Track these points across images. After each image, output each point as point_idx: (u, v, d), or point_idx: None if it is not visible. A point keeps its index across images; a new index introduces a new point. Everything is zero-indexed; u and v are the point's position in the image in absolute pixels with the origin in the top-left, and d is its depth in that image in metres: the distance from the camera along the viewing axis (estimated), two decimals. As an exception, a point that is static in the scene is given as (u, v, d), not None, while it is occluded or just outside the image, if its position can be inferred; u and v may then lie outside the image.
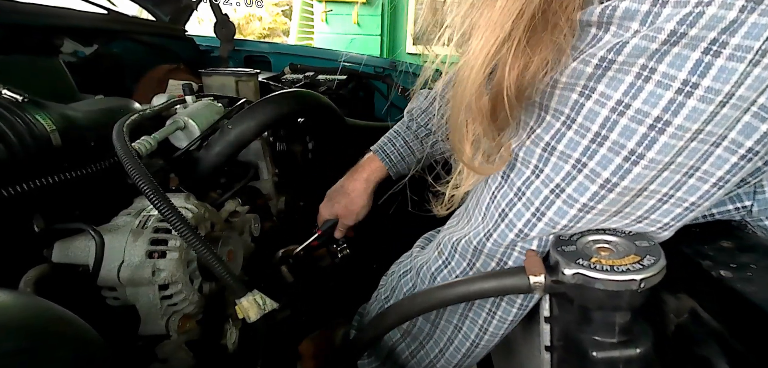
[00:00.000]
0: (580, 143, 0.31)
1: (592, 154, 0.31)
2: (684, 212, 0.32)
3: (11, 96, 0.53)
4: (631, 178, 0.30)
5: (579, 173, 0.32)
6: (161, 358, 0.53)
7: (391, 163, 0.72)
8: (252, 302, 0.48)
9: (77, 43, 1.14)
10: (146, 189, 0.47)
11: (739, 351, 0.29)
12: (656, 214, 0.33)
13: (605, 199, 0.32)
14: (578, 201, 0.33)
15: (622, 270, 0.30)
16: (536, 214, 0.35)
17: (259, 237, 0.76)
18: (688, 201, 0.32)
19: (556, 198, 0.33)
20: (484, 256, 0.40)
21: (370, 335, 0.48)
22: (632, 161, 0.30)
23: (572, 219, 0.34)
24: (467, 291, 0.38)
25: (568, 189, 0.33)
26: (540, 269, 0.34)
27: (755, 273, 0.32)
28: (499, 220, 0.38)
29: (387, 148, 0.73)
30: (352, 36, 4.29)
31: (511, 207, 0.37)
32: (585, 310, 0.33)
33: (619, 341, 0.32)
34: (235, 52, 1.63)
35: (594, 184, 0.31)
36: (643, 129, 0.29)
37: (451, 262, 0.44)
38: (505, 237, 0.37)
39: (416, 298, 0.41)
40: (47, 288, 0.49)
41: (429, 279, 0.46)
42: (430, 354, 0.48)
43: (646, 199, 0.32)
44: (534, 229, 0.35)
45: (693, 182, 0.31)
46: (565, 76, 0.31)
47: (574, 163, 0.32)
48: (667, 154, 0.29)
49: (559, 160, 0.33)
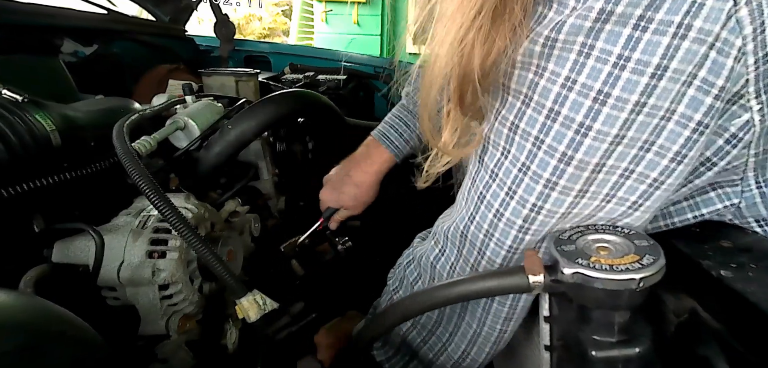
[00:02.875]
0: (537, 120, 0.33)
1: (548, 130, 0.33)
2: (650, 189, 0.33)
3: (11, 96, 0.53)
4: (583, 150, 0.32)
5: (539, 149, 0.33)
6: (161, 358, 0.53)
7: (396, 150, 0.72)
8: (252, 302, 0.48)
9: (77, 43, 1.14)
10: (146, 189, 0.47)
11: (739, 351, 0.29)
12: (622, 191, 0.34)
13: (565, 174, 0.33)
14: (542, 177, 0.34)
15: (622, 270, 0.30)
16: (509, 193, 0.36)
17: (260, 237, 0.76)
18: (650, 177, 0.33)
19: (524, 175, 0.35)
20: (468, 242, 0.41)
21: (375, 332, 0.48)
22: (582, 133, 0.31)
23: (540, 197, 0.35)
24: (467, 291, 0.38)
25: (532, 165, 0.34)
26: (539, 268, 0.34)
27: (755, 273, 0.32)
28: (479, 202, 0.39)
29: (390, 134, 0.72)
30: (352, 36, 4.29)
31: (487, 188, 0.38)
32: (584, 309, 0.33)
33: (618, 340, 0.32)
34: (235, 52, 1.63)
35: (553, 158, 0.33)
36: (588, 102, 0.30)
37: (446, 250, 0.45)
38: (485, 219, 0.39)
39: (418, 297, 0.41)
40: (47, 288, 0.49)
41: (430, 269, 0.47)
42: (442, 338, 0.49)
43: (608, 176, 0.33)
44: (508, 208, 0.36)
45: (651, 156, 0.32)
46: (519, 55, 0.33)
47: (534, 139, 0.33)
48: (612, 126, 0.30)
49: (521, 139, 0.34)
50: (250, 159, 0.86)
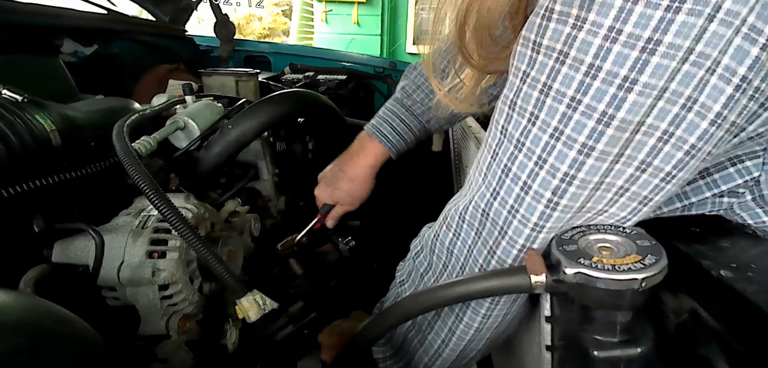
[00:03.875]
0: (574, 78, 0.30)
1: (586, 88, 0.30)
2: (685, 158, 0.31)
3: (11, 96, 0.53)
4: (626, 107, 0.29)
5: (574, 111, 0.31)
6: (161, 358, 0.53)
7: (390, 145, 0.71)
8: (252, 302, 0.48)
9: (77, 43, 1.14)
10: (146, 189, 0.47)
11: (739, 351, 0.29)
12: (658, 159, 0.31)
13: (604, 136, 0.30)
14: (577, 141, 0.31)
15: (624, 270, 0.30)
16: (538, 162, 0.33)
17: (260, 237, 0.76)
18: (688, 143, 0.30)
19: (556, 141, 0.32)
20: (490, 221, 0.38)
21: (375, 333, 0.48)
22: (626, 88, 0.29)
23: (573, 164, 0.32)
24: (468, 291, 0.37)
25: (566, 129, 0.31)
26: (541, 268, 0.34)
27: (755, 273, 0.32)
28: (504, 176, 0.36)
29: (384, 128, 0.70)
30: (352, 36, 4.30)
31: (513, 160, 0.35)
32: (586, 310, 0.33)
33: (620, 340, 0.32)
34: (235, 52, 1.63)
35: (591, 119, 0.30)
36: (635, 53, 0.28)
37: (461, 233, 0.42)
38: (511, 192, 0.36)
39: (418, 298, 0.41)
40: (47, 288, 0.49)
41: (445, 254, 0.44)
42: (437, 339, 0.48)
43: (646, 137, 0.31)
44: (536, 179, 0.34)
45: (691, 117, 0.30)
46: (557, 5, 0.31)
47: (569, 100, 0.31)
48: (660, 77, 0.28)
49: (554, 102, 0.32)
50: (250, 159, 0.86)
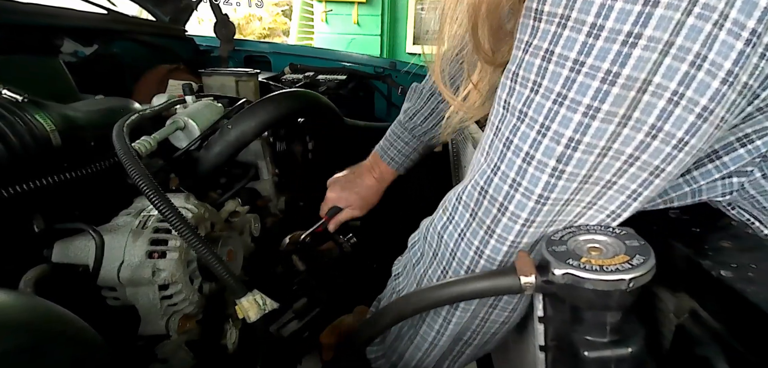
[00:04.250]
0: (577, 39, 0.30)
1: (589, 48, 0.29)
2: (698, 121, 0.30)
3: (11, 96, 0.53)
4: (631, 63, 0.29)
5: (578, 73, 0.30)
6: (161, 358, 0.53)
7: (396, 165, 0.82)
8: (252, 302, 0.48)
9: (77, 43, 1.14)
10: (146, 189, 0.47)
11: (739, 351, 0.29)
12: (669, 124, 0.30)
13: (609, 96, 0.30)
14: (582, 104, 0.30)
15: (612, 270, 0.30)
16: (541, 130, 0.33)
17: (260, 237, 0.76)
18: (700, 105, 0.29)
19: (560, 106, 0.31)
20: (488, 198, 0.38)
21: (368, 334, 0.48)
22: (631, 43, 0.28)
23: (578, 128, 0.31)
24: (460, 292, 0.37)
25: (570, 93, 0.31)
26: (531, 269, 0.34)
27: (755, 273, 0.32)
28: (505, 149, 0.35)
29: (390, 151, 0.81)
30: (352, 36, 4.30)
31: (514, 131, 0.34)
32: (576, 310, 0.33)
33: (610, 340, 0.32)
34: (235, 52, 1.63)
35: (594, 79, 0.30)
36: (637, 7, 0.28)
37: (455, 216, 0.41)
38: (512, 165, 0.35)
39: (411, 298, 0.41)
40: (47, 288, 0.49)
41: (436, 239, 0.44)
42: (427, 338, 0.48)
43: (655, 98, 0.30)
44: (539, 148, 0.33)
45: (702, 76, 0.29)
46: None
47: (572, 63, 0.30)
48: (665, 30, 0.28)
49: (556, 67, 0.31)
50: (250, 159, 0.86)
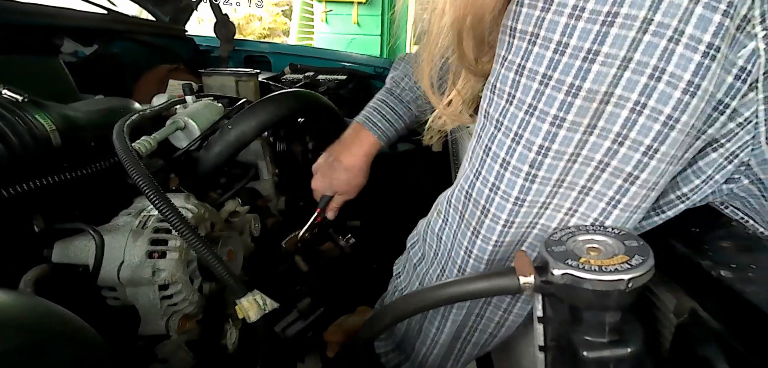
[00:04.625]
0: (544, 56, 0.33)
1: (556, 64, 0.32)
2: (664, 129, 0.32)
3: (11, 96, 0.53)
4: (591, 78, 0.31)
5: (546, 86, 0.33)
6: (161, 358, 0.53)
7: (381, 134, 0.73)
8: (252, 302, 0.48)
9: (77, 43, 1.14)
10: (146, 189, 0.47)
11: (739, 351, 0.29)
12: (634, 132, 0.32)
13: (573, 107, 0.32)
14: (549, 114, 0.33)
15: (611, 271, 0.30)
16: (515, 138, 0.35)
17: (260, 237, 0.76)
18: (663, 114, 0.31)
19: (530, 116, 0.34)
20: (472, 202, 0.40)
21: (369, 334, 0.48)
22: (589, 60, 0.31)
23: (547, 136, 0.34)
24: (459, 292, 0.38)
25: (539, 104, 0.33)
26: (530, 269, 0.34)
27: (755, 273, 0.32)
28: (485, 156, 0.38)
29: (374, 117, 0.74)
30: (352, 36, 4.29)
31: (492, 139, 0.37)
32: (575, 310, 0.33)
33: (609, 341, 0.32)
34: (235, 52, 1.63)
35: (560, 92, 0.32)
36: (596, 27, 0.30)
37: (449, 218, 0.44)
38: (491, 171, 0.38)
39: (410, 299, 0.41)
40: (47, 288, 0.49)
41: (436, 241, 0.46)
42: (429, 334, 0.49)
43: (617, 109, 0.32)
44: (514, 155, 0.35)
45: (662, 87, 0.31)
46: None
47: (541, 77, 0.33)
48: (620, 47, 0.30)
49: (527, 80, 0.34)
50: (250, 159, 0.86)
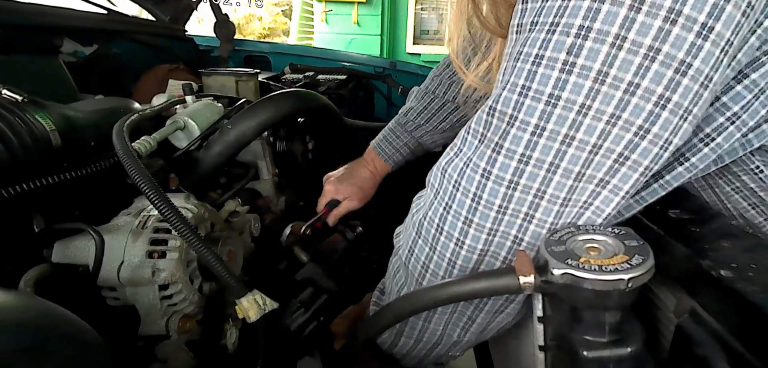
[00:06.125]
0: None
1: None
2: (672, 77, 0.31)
3: (11, 96, 0.53)
4: (600, 20, 0.31)
5: (553, 34, 0.33)
6: (161, 358, 0.53)
7: (390, 160, 0.87)
8: (252, 302, 0.48)
9: (77, 43, 1.14)
10: (146, 189, 0.47)
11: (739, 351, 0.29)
12: (646, 81, 0.31)
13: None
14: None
15: (611, 270, 0.30)
16: (536, 60, 0.34)
17: (260, 237, 0.76)
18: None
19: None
20: (497, 116, 0.37)
21: (369, 333, 0.48)
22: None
23: (572, 50, 0.32)
24: (459, 292, 0.37)
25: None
26: (530, 269, 0.34)
27: (755, 273, 0.32)
28: (510, 72, 0.36)
29: (383, 145, 0.87)
30: (352, 36, 4.30)
31: (516, 60, 0.36)
32: (575, 310, 0.33)
33: (609, 340, 0.32)
34: (235, 52, 1.63)
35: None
36: None
37: (440, 191, 0.42)
38: (515, 88, 0.35)
39: (409, 299, 0.41)
40: (47, 288, 0.49)
41: (440, 175, 0.43)
42: (440, 323, 0.48)
43: (630, 55, 0.31)
44: (535, 78, 0.34)
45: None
46: None
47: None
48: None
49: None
50: (250, 159, 0.86)
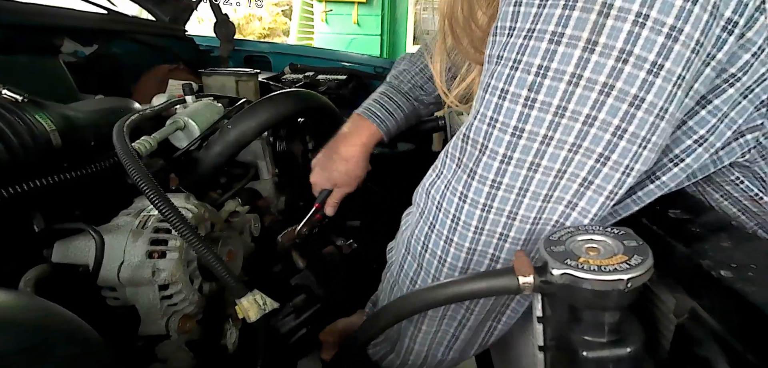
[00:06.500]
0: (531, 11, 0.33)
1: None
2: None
3: (11, 96, 0.53)
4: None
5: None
6: (161, 358, 0.53)
7: (382, 124, 0.73)
8: (252, 302, 0.48)
9: (77, 43, 1.14)
10: (146, 189, 0.47)
11: (739, 351, 0.29)
12: (600, 111, 0.32)
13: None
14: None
15: (610, 270, 0.30)
16: (514, 66, 0.35)
17: (260, 237, 0.76)
18: None
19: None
20: (470, 142, 0.38)
21: (367, 336, 0.48)
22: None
23: (545, 55, 0.33)
24: (458, 292, 0.37)
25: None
26: (529, 269, 0.34)
27: (755, 273, 0.32)
28: (484, 94, 0.37)
29: (374, 108, 0.73)
30: (352, 36, 4.30)
31: (491, 76, 0.36)
32: (574, 310, 0.33)
33: (609, 340, 0.32)
34: (235, 52, 1.63)
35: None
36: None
37: (425, 211, 0.42)
38: (490, 105, 0.36)
39: (408, 299, 0.41)
40: (47, 288, 0.49)
41: (425, 197, 0.43)
42: (430, 330, 0.48)
43: (586, 91, 0.32)
44: (512, 82, 0.34)
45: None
46: None
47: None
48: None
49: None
50: (250, 159, 0.86)
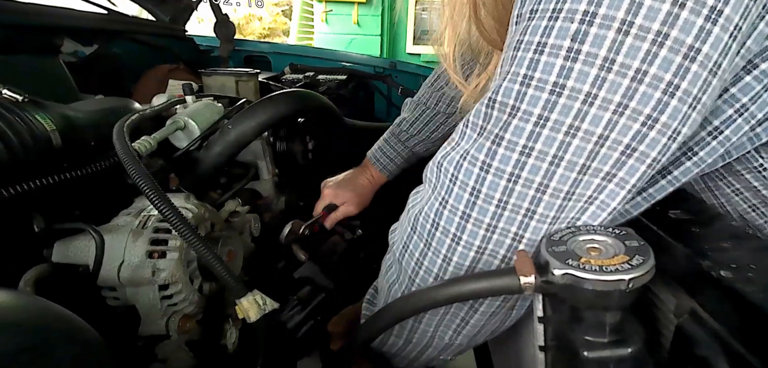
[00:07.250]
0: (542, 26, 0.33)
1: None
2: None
3: (11, 96, 0.53)
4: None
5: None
6: (161, 358, 0.53)
7: (386, 170, 0.92)
8: (252, 302, 0.48)
9: (77, 43, 1.14)
10: (146, 189, 0.47)
11: (739, 352, 0.29)
12: (654, 67, 0.30)
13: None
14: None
15: (611, 271, 0.30)
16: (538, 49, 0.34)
17: (260, 237, 0.76)
18: None
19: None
20: (498, 105, 0.36)
21: (367, 335, 0.48)
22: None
23: (561, 71, 0.32)
24: (458, 292, 0.37)
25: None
26: (530, 269, 0.34)
27: (755, 273, 0.32)
28: (512, 61, 0.35)
29: (378, 155, 0.92)
30: (352, 36, 4.30)
31: (517, 47, 0.35)
32: (576, 310, 0.33)
33: (610, 341, 0.32)
34: (235, 52, 1.63)
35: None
36: None
37: (437, 185, 0.41)
38: (516, 77, 0.34)
39: (409, 299, 0.41)
40: (47, 288, 0.49)
41: (436, 170, 0.42)
42: (431, 324, 0.48)
43: (638, 41, 0.30)
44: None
45: None
46: None
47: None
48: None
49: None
50: (250, 159, 0.86)
